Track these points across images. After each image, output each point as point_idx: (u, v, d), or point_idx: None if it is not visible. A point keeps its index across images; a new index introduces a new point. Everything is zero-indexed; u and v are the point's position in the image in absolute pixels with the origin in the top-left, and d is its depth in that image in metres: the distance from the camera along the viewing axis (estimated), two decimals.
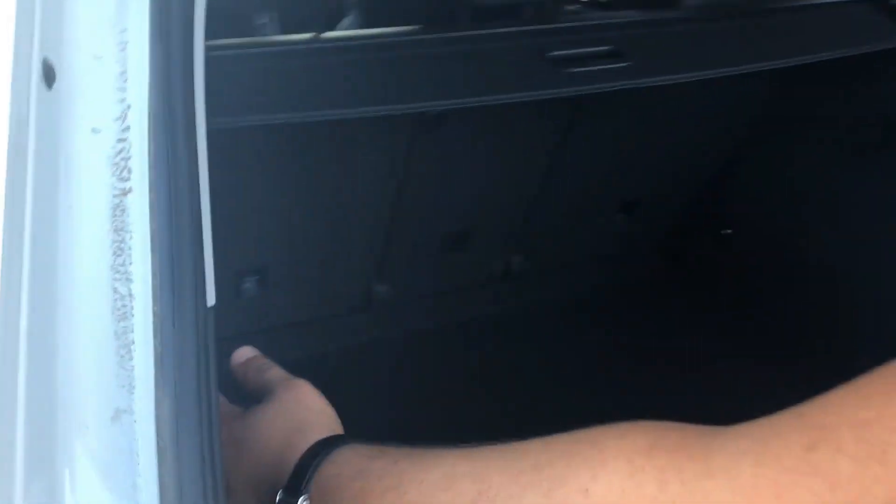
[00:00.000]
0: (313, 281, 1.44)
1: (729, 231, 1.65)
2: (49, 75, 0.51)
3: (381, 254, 1.44)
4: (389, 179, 1.32)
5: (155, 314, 0.47)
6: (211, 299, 0.51)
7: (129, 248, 0.51)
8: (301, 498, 0.54)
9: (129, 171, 0.53)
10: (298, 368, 1.42)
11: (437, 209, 1.42)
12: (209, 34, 1.08)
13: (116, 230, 0.52)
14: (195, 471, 0.45)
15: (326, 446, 0.57)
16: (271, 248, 1.35)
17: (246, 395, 0.69)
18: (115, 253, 0.51)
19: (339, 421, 0.65)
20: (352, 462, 0.55)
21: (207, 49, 1.14)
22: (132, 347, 0.49)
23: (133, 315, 0.50)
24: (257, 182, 1.24)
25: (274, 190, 1.27)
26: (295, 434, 0.60)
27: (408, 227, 1.41)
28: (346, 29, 1.32)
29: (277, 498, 0.55)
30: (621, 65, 1.10)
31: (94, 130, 0.53)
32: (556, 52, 1.11)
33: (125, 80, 0.54)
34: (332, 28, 1.29)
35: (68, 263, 0.50)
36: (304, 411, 0.63)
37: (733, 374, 1.49)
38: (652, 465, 0.42)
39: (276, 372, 0.67)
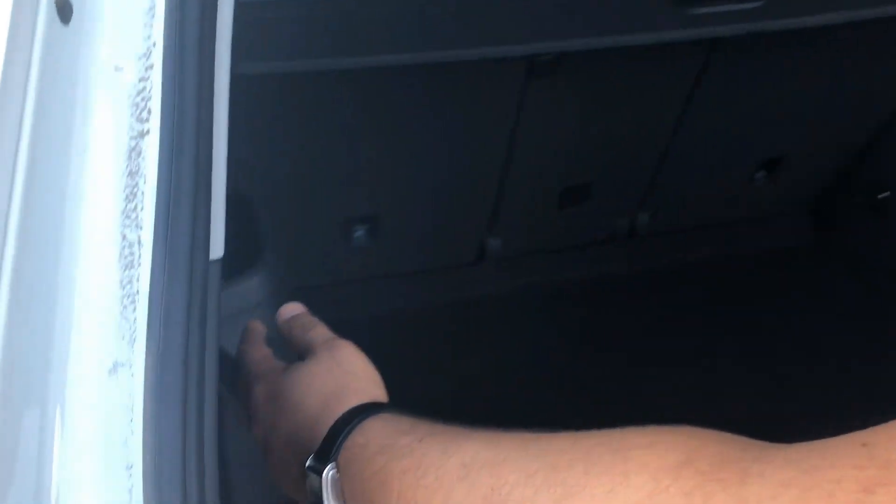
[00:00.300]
0: (425, 231, 1.40)
1: (887, 194, 1.47)
2: (65, 10, 0.49)
3: (494, 206, 1.38)
4: (501, 128, 1.26)
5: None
6: (216, 252, 0.48)
7: (142, 193, 0.49)
8: (329, 465, 0.52)
9: (149, 112, 0.50)
10: (406, 319, 1.41)
11: (554, 161, 1.34)
12: None
13: (131, 174, 0.49)
14: (175, 434, 0.42)
15: (360, 413, 0.54)
16: (382, 197, 1.33)
17: (290, 353, 0.67)
18: (127, 198, 0.49)
19: (381, 385, 0.61)
20: (380, 434, 0.52)
21: None
22: (136, 298, 0.47)
23: (140, 264, 0.48)
24: (366, 129, 1.21)
25: (383, 137, 1.24)
26: (332, 397, 0.57)
27: (523, 178, 1.35)
28: None
29: (307, 462, 0.53)
30: (753, 4, 0.98)
31: (117, 68, 0.51)
32: None
33: (152, 17, 0.51)
34: None
35: (76, 207, 0.48)
36: (344, 374, 0.60)
37: (881, 367, 1.34)
38: (678, 488, 0.35)
39: (320, 331, 0.64)
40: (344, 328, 1.38)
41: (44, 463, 0.44)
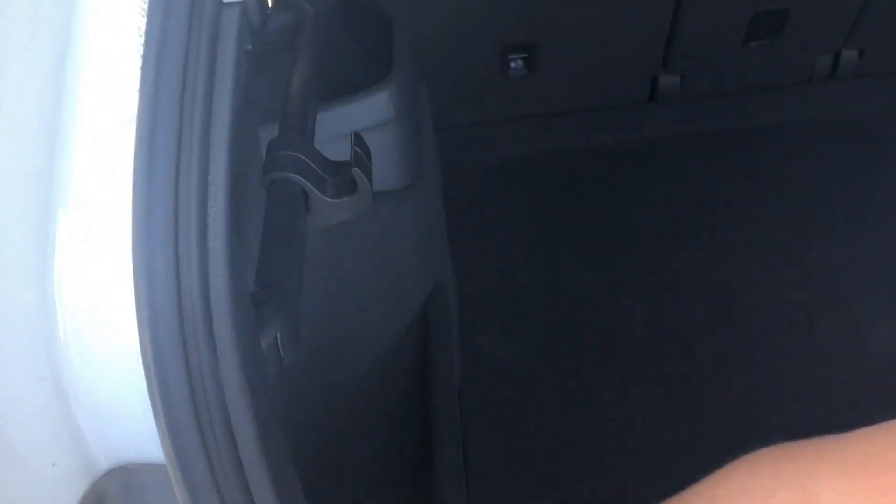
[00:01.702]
0: (588, 65, 1.28)
1: None
2: None
3: (668, 36, 1.23)
4: None
5: None
6: None
7: None
8: None
9: None
10: (569, 159, 1.31)
11: None
12: None
13: None
14: (166, 191, 0.38)
15: None
16: (540, 23, 1.21)
17: None
18: None
19: None
20: None
21: None
22: None
23: None
24: None
25: None
26: None
27: (703, 4, 1.18)
28: None
29: None
30: None
31: None
32: None
33: None
34: None
35: None
36: None
37: None
38: None
39: None
40: (499, 167, 1.31)
41: (48, 217, 0.42)
